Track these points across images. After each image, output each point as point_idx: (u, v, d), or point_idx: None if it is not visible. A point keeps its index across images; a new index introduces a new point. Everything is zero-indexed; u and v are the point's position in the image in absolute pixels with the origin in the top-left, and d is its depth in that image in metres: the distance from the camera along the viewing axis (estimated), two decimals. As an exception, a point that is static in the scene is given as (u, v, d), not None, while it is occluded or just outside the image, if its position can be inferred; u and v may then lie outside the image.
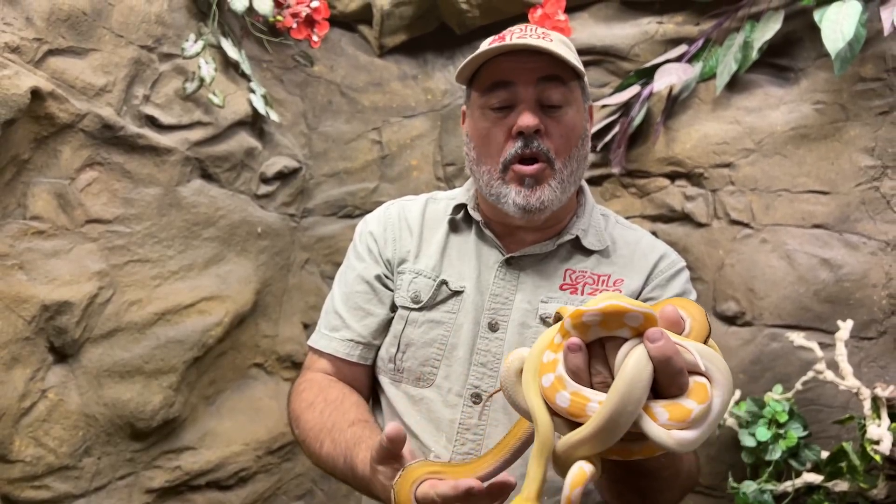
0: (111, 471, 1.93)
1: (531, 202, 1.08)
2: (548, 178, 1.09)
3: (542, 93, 1.07)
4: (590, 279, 1.12)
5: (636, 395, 0.62)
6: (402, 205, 1.27)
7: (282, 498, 2.41)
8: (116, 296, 1.90)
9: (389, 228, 1.24)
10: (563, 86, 1.08)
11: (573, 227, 1.17)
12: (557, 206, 1.11)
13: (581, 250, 1.16)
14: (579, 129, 1.12)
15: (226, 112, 2.14)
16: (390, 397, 1.17)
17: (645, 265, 1.14)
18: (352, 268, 1.24)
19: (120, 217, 1.91)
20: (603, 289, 1.11)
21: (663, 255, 1.17)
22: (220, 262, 2.16)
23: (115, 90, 1.85)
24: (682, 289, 1.14)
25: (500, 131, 1.10)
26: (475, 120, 1.14)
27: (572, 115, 1.11)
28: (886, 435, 1.70)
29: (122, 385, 1.91)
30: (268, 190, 2.35)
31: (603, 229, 1.19)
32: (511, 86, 1.07)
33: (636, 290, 1.12)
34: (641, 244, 1.19)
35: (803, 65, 2.13)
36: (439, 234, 1.21)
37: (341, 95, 2.56)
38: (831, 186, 2.07)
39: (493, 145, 1.10)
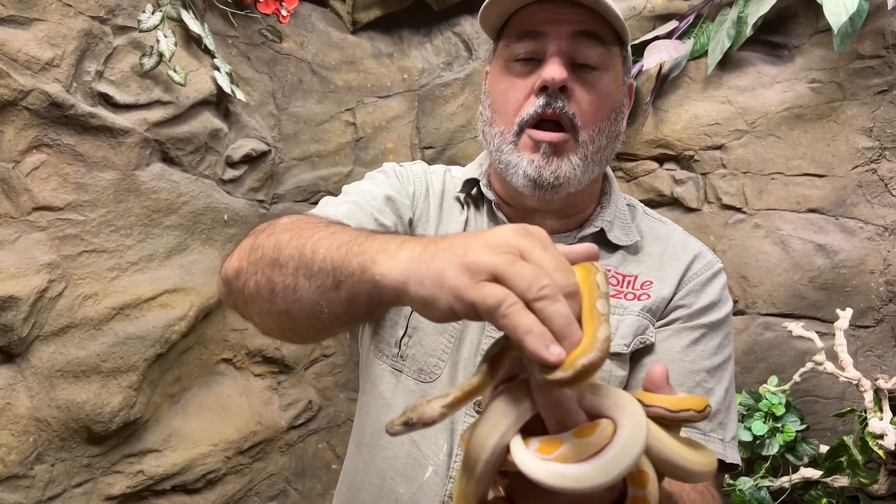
0: (66, 478, 1.79)
1: (544, 175, 0.91)
2: (569, 150, 0.92)
3: (575, 48, 0.91)
4: (613, 279, 0.97)
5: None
6: (427, 168, 1.10)
7: (253, 499, 2.28)
8: (69, 289, 1.75)
9: (416, 180, 1.06)
10: (601, 46, 0.92)
11: (597, 219, 1.01)
12: (575, 187, 0.94)
13: (605, 244, 1.00)
14: (614, 101, 0.96)
15: (188, 90, 1.98)
16: (384, 391, 0.99)
17: (677, 267, 0.98)
18: (373, 180, 1.04)
19: (72, 204, 1.75)
20: (629, 291, 0.96)
21: (698, 254, 1.00)
22: (183, 252, 2.01)
23: (64, 65, 1.69)
24: (718, 296, 0.97)
25: (522, 87, 0.93)
26: (496, 74, 0.98)
27: (608, 81, 0.94)
28: (890, 429, 1.63)
29: (76, 386, 1.77)
30: (234, 174, 2.20)
31: (630, 221, 1.03)
32: (541, 37, 0.91)
33: (667, 297, 0.96)
34: (673, 241, 1.02)
35: (798, 42, 2.04)
36: (459, 211, 1.05)
37: (312, 74, 2.41)
38: (827, 169, 1.99)
39: (510, 102, 0.94)
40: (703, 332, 0.95)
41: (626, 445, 0.51)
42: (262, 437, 2.26)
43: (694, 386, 0.92)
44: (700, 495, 0.83)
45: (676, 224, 1.08)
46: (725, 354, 0.96)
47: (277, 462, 2.34)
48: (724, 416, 0.94)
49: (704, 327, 0.95)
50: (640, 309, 0.94)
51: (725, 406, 0.94)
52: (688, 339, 0.94)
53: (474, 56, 2.38)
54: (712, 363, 0.94)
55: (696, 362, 0.93)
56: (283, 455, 2.37)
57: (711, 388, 0.93)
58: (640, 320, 0.94)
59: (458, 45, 2.42)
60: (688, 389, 0.92)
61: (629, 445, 0.51)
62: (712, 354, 0.94)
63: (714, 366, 0.94)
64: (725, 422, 0.94)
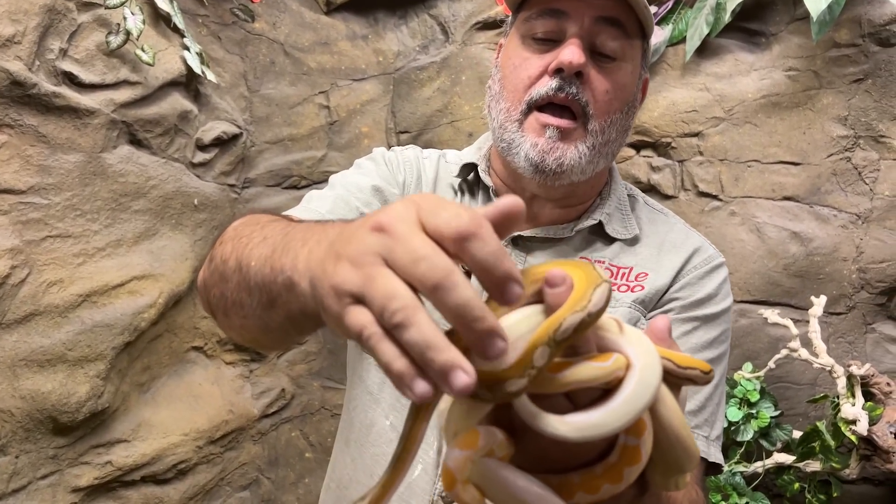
0: (31, 470, 1.73)
1: (547, 160, 0.87)
2: (577, 138, 0.88)
3: (597, 35, 0.88)
4: (607, 271, 0.93)
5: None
6: (418, 152, 1.06)
7: (225, 489, 2.25)
8: (33, 276, 1.69)
9: (406, 167, 1.02)
10: (624, 36, 0.89)
11: (596, 211, 0.97)
12: (578, 177, 0.91)
13: (603, 237, 0.97)
14: (628, 94, 0.93)
15: (156, 71, 1.92)
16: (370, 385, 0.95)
17: (675, 260, 0.94)
18: (360, 169, 1.01)
19: (35, 187, 1.69)
20: (622, 283, 0.92)
21: (698, 248, 0.96)
22: (152, 238, 1.96)
23: (25, 41, 1.61)
24: (716, 290, 0.93)
25: (536, 65, 0.89)
26: (511, 48, 0.94)
27: (626, 74, 0.91)
28: (862, 414, 1.65)
29: (41, 375, 1.71)
30: (205, 158, 2.14)
31: (630, 213, 0.99)
32: (563, 16, 0.88)
33: (661, 289, 0.92)
34: (673, 233, 0.98)
35: (776, 29, 2.04)
36: (451, 198, 1.00)
37: (285, 55, 2.35)
38: (802, 157, 2.00)
39: (521, 79, 0.90)
40: (696, 325, 0.91)
41: (644, 377, 0.46)
42: (234, 426, 2.22)
43: None
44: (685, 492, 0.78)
45: (678, 217, 1.04)
46: (720, 350, 0.92)
47: (250, 451, 2.30)
48: (712, 413, 0.90)
49: (698, 320, 0.91)
50: (632, 301, 0.91)
51: (714, 403, 0.90)
52: (679, 329, 0.90)
53: (451, 39, 2.34)
54: (703, 357, 0.89)
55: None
56: (255, 444, 2.33)
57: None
58: (632, 312, 0.91)
59: (434, 28, 2.38)
60: None
61: (647, 377, 0.46)
62: (704, 348, 0.90)
63: (705, 360, 0.89)
64: (712, 420, 0.90)
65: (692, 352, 0.89)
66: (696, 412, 0.87)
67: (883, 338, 1.96)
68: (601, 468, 0.49)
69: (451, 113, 2.30)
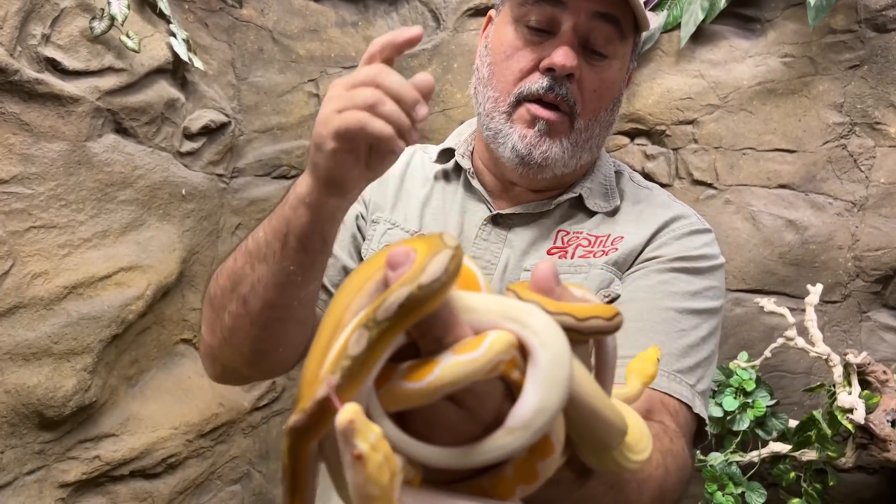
0: (17, 466, 1.70)
1: (534, 154, 0.88)
2: (563, 133, 0.89)
3: (591, 31, 0.87)
4: (584, 240, 0.92)
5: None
6: None
7: (216, 483, 2.22)
8: (17, 267, 1.65)
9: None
10: (618, 34, 0.88)
11: (577, 185, 0.97)
12: (561, 170, 0.92)
13: (583, 210, 0.96)
14: (615, 91, 0.93)
15: (142, 57, 1.87)
16: None
17: (652, 223, 0.92)
18: None
19: (18, 176, 1.65)
20: (599, 250, 0.91)
21: (679, 215, 0.93)
22: (139, 228, 1.92)
23: (7, 27, 1.57)
24: (698, 250, 0.89)
25: (528, 57, 0.88)
26: (502, 32, 0.92)
27: (614, 72, 0.91)
28: (859, 403, 1.64)
29: (26, 369, 1.67)
30: (192, 147, 2.10)
31: (614, 188, 0.98)
32: (559, 7, 0.86)
33: (636, 248, 0.90)
34: (655, 202, 0.96)
35: (771, 15, 2.02)
36: (422, 186, 1.01)
37: (273, 42, 2.31)
38: (797, 144, 1.98)
39: (512, 70, 0.89)
40: (674, 275, 0.87)
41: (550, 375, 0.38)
42: (225, 420, 2.19)
43: (659, 321, 0.83)
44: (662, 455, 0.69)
45: (664, 190, 1.02)
46: (707, 305, 0.87)
47: (241, 445, 2.28)
48: (697, 364, 0.84)
49: (677, 271, 0.87)
50: (604, 262, 0.90)
51: (702, 357, 0.84)
52: (655, 279, 0.87)
53: (442, 26, 2.31)
54: (686, 306, 0.85)
55: (664, 300, 0.85)
56: (246, 437, 2.30)
57: (683, 330, 0.83)
58: (605, 273, 0.89)
59: (425, 14, 2.35)
60: (651, 324, 0.83)
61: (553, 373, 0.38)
62: (686, 298, 0.86)
63: (689, 309, 0.85)
64: (698, 371, 0.84)
65: (672, 299, 0.85)
66: (678, 356, 0.82)
67: (878, 326, 1.95)
68: (511, 469, 0.42)
69: (442, 101, 2.27)
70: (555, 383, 0.38)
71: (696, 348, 0.85)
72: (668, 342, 0.83)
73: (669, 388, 0.80)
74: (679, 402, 0.81)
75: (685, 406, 0.81)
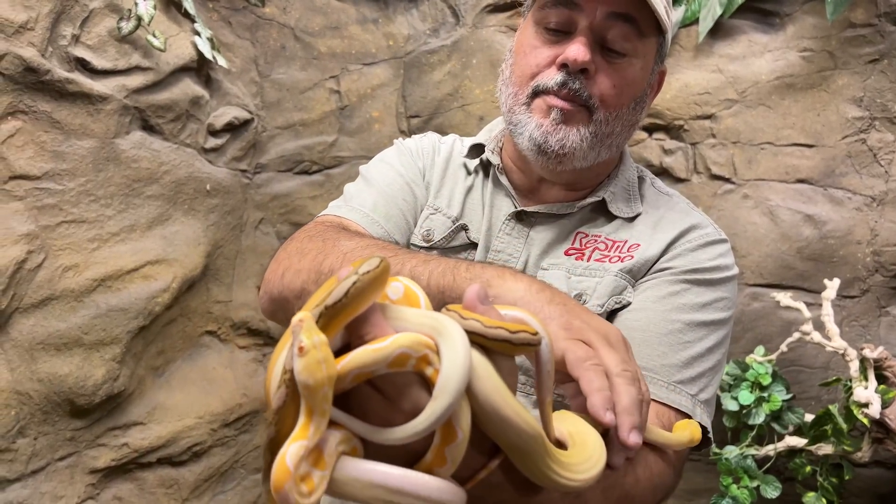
0: (49, 451, 1.76)
1: (550, 141, 0.89)
2: (580, 121, 0.90)
3: (607, 30, 0.88)
4: (602, 244, 0.94)
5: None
6: (435, 139, 1.11)
7: (239, 471, 2.27)
8: (49, 261, 1.71)
9: (424, 154, 1.07)
10: (636, 33, 0.89)
11: (601, 189, 0.99)
12: (580, 162, 0.92)
13: (605, 214, 0.98)
14: (636, 90, 0.93)
15: (168, 56, 1.92)
16: None
17: (670, 233, 0.94)
18: (390, 165, 1.05)
19: (50, 173, 1.70)
20: (615, 255, 0.93)
21: (695, 225, 0.95)
22: (165, 223, 1.97)
23: (39, 28, 1.62)
24: (713, 262, 0.91)
25: (545, 54, 0.90)
26: (524, 34, 0.95)
27: (636, 70, 0.91)
28: (874, 397, 1.64)
29: (58, 358, 1.73)
30: (216, 143, 2.15)
31: (637, 194, 1.00)
32: (576, 8, 0.88)
33: (651, 259, 0.92)
34: (673, 211, 0.98)
35: (790, 9, 2.01)
36: (463, 178, 1.04)
37: (295, 40, 2.35)
38: (816, 139, 1.98)
39: (530, 65, 0.92)
40: (686, 287, 0.89)
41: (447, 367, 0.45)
42: (248, 410, 2.24)
43: (665, 333, 0.85)
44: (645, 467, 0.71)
45: (684, 198, 1.04)
46: (715, 316, 0.89)
47: (264, 434, 2.33)
48: (702, 377, 0.86)
49: (689, 283, 0.89)
50: (619, 269, 0.91)
51: (706, 367, 0.86)
52: (666, 290, 0.89)
53: (461, 23, 2.33)
54: (693, 318, 0.87)
55: (672, 312, 0.87)
56: (269, 427, 2.35)
57: (688, 342, 0.86)
58: (618, 280, 0.91)
59: (444, 10, 2.37)
60: (657, 335, 0.85)
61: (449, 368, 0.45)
62: (695, 310, 0.87)
63: (696, 321, 0.87)
64: (701, 382, 0.86)
65: (681, 311, 0.87)
66: (679, 367, 0.84)
67: (897, 321, 1.94)
68: (429, 454, 0.48)
69: (461, 97, 2.30)
70: (451, 376, 0.45)
71: (700, 359, 0.86)
72: (671, 353, 0.84)
73: (668, 399, 0.82)
74: (677, 412, 0.83)
75: (684, 416, 0.83)
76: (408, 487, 0.46)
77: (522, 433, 0.49)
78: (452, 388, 0.45)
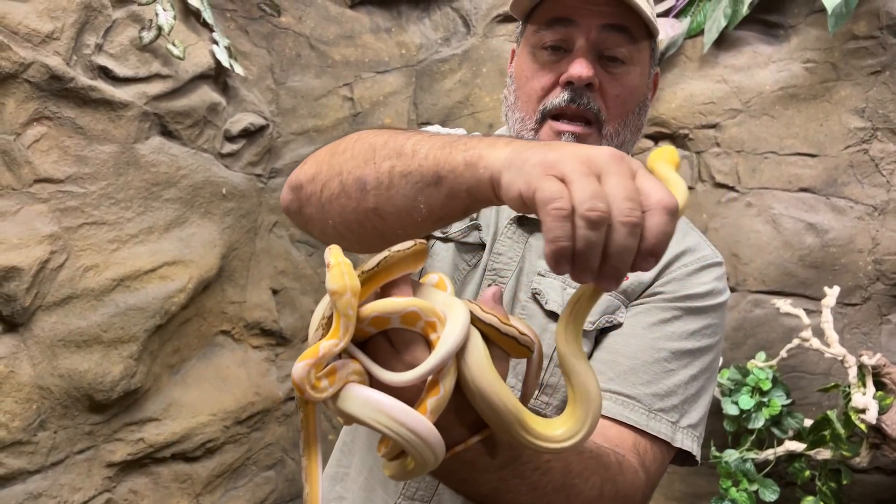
0: (69, 445, 1.83)
1: None
2: (592, 143, 0.91)
3: (604, 42, 0.91)
4: None
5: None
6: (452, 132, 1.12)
7: (251, 468, 2.33)
8: (70, 260, 1.78)
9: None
10: (630, 41, 0.92)
11: None
12: None
13: None
14: (639, 95, 0.96)
15: (186, 64, 1.99)
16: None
17: (665, 255, 0.91)
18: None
19: (72, 176, 1.77)
20: None
21: (691, 248, 0.95)
22: (182, 225, 2.04)
23: (64, 38, 1.70)
24: (706, 287, 0.91)
25: (548, 76, 0.92)
26: (523, 59, 0.97)
27: (635, 76, 0.94)
28: (872, 403, 1.67)
29: (78, 355, 1.80)
30: (233, 148, 2.22)
31: None
32: (571, 25, 0.90)
33: (645, 282, 0.92)
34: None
35: (794, 21, 2.05)
36: None
37: (310, 48, 2.42)
38: (819, 149, 2.01)
39: (535, 89, 0.94)
40: (677, 314, 0.90)
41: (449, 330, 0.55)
42: (260, 408, 2.30)
43: (651, 362, 0.87)
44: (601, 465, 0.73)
45: (685, 219, 1.03)
46: (702, 343, 0.90)
47: (275, 432, 2.39)
48: (683, 402, 0.88)
49: (681, 310, 0.90)
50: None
51: (688, 394, 0.88)
52: (657, 316, 0.90)
53: (472, 32, 2.39)
54: (681, 346, 0.88)
55: (660, 340, 0.88)
56: (280, 425, 2.41)
57: (672, 370, 0.87)
58: (611, 300, 0.91)
59: (456, 20, 2.43)
60: (643, 363, 0.87)
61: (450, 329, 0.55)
62: (683, 338, 0.89)
63: (683, 349, 0.88)
64: (684, 409, 0.88)
65: (669, 339, 0.89)
66: (662, 396, 0.87)
67: (898, 329, 1.97)
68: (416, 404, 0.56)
69: (472, 104, 2.35)
70: (448, 338, 0.55)
71: (684, 386, 0.88)
72: (655, 382, 0.87)
73: (647, 426, 0.85)
74: (656, 439, 0.85)
75: (663, 444, 0.86)
76: (407, 420, 0.53)
77: (503, 412, 0.56)
78: (447, 347, 0.54)
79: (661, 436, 0.86)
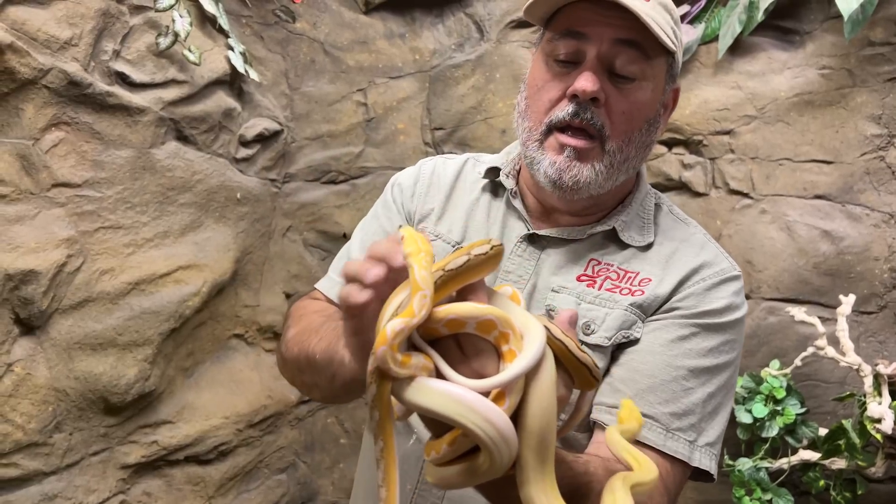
0: (84, 447, 1.85)
1: (564, 178, 0.91)
2: (594, 157, 0.92)
3: (615, 57, 0.89)
4: (613, 273, 0.95)
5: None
6: (439, 161, 1.13)
7: (263, 471, 2.34)
8: (87, 264, 1.79)
9: (420, 182, 1.10)
10: (642, 57, 0.90)
11: (612, 217, 0.99)
12: (596, 191, 0.94)
13: (616, 242, 0.98)
14: (648, 112, 0.94)
15: (202, 70, 2.01)
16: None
17: (682, 269, 0.94)
18: (375, 216, 1.13)
19: (90, 181, 1.79)
20: (625, 286, 0.94)
21: (708, 261, 0.96)
22: (197, 229, 2.05)
23: (82, 44, 1.72)
24: (724, 302, 0.92)
25: (557, 87, 0.92)
26: (537, 67, 0.97)
27: (645, 93, 0.92)
28: (888, 413, 1.66)
29: (94, 358, 1.82)
30: (247, 153, 2.24)
31: (651, 222, 1.00)
32: (583, 38, 0.90)
33: (662, 297, 0.93)
34: (688, 243, 0.98)
35: (810, 27, 2.04)
36: (469, 198, 1.06)
37: (325, 54, 2.43)
38: (835, 156, 2.00)
39: (543, 101, 0.94)
40: (694, 331, 0.90)
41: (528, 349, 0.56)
42: (273, 411, 2.31)
43: (669, 380, 0.88)
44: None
45: (701, 228, 1.04)
46: (720, 360, 0.91)
47: (287, 436, 2.40)
48: (701, 420, 0.89)
49: (699, 327, 0.91)
50: (629, 304, 0.92)
51: (706, 412, 0.89)
52: (675, 333, 0.90)
53: (486, 38, 2.39)
54: (699, 364, 0.89)
55: (678, 358, 0.89)
56: (293, 429, 2.42)
57: (690, 388, 0.89)
58: (628, 315, 0.92)
59: (469, 26, 2.43)
60: (661, 381, 0.88)
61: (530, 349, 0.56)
62: (701, 355, 0.90)
63: (701, 367, 0.89)
64: (701, 427, 0.89)
65: (687, 356, 0.89)
66: (680, 415, 0.88)
67: (914, 337, 1.95)
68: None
69: (485, 110, 2.35)
70: (524, 358, 0.55)
71: (702, 404, 0.89)
72: (674, 401, 0.88)
73: (665, 446, 0.86)
74: (673, 459, 0.87)
75: (680, 462, 0.87)
76: (494, 418, 0.53)
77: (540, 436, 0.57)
78: (526, 362, 0.55)
79: (679, 456, 0.87)
